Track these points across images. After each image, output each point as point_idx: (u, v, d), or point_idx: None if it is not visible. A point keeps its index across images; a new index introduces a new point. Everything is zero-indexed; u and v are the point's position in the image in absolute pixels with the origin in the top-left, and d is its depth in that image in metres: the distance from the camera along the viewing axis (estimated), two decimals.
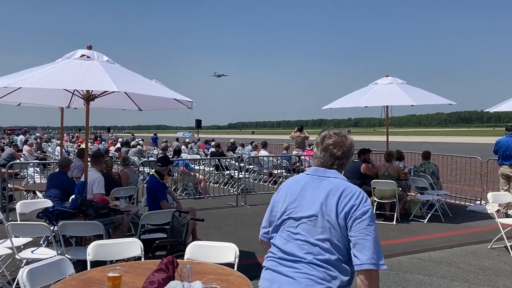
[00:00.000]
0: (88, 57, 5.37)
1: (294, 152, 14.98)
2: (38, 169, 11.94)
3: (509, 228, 6.69)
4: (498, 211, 8.53)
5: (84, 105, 5.74)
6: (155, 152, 19.93)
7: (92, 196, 6.12)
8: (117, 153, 17.26)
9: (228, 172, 13.20)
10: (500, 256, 6.44)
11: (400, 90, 9.01)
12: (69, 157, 20.47)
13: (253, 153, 15.52)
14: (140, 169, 11.05)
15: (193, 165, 12.58)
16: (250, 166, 14.38)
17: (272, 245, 2.34)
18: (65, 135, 19.62)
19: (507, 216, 8.73)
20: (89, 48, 5.54)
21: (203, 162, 14.20)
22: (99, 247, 3.93)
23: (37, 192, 8.05)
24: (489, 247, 6.80)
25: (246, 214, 9.42)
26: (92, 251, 3.86)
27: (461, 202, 10.44)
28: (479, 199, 10.19)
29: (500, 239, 6.67)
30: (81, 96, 5.68)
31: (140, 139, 29.15)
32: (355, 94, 9.67)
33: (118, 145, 20.84)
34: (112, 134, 60.47)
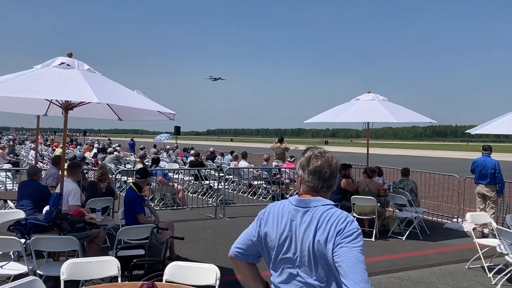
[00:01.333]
0: (68, 65, 5.20)
1: (274, 164, 14.94)
2: (9, 174, 11.53)
3: (487, 248, 6.74)
4: (474, 229, 8.63)
5: (62, 114, 5.56)
6: (132, 158, 19.62)
7: (67, 208, 5.91)
8: (93, 160, 16.90)
9: (207, 182, 13.05)
10: (477, 277, 6.48)
11: (382, 107, 9.08)
12: (44, 161, 20.05)
13: (233, 164, 15.40)
14: (117, 177, 10.81)
15: (171, 174, 12.38)
16: (230, 177, 14.26)
17: (272, 284, 2.28)
18: (39, 137, 18.96)
19: (483, 234, 8.83)
20: (70, 55, 5.37)
21: (182, 171, 14.00)
22: (74, 265, 3.77)
23: (8, 201, 7.75)
24: (466, 267, 6.84)
25: (224, 227, 9.29)
26: (66, 270, 3.70)
27: (438, 219, 10.53)
28: (456, 216, 10.30)
29: (477, 259, 6.72)
30: (59, 105, 5.50)
31: (117, 145, 28.63)
32: (337, 109, 9.70)
33: (95, 150, 20.42)
34: (89, 139, 59.35)
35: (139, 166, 12.28)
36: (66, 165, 6.63)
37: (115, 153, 17.56)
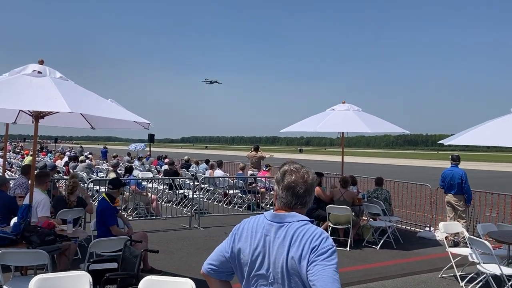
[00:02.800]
0: (39, 72, 5.05)
1: (250, 172, 14.88)
2: None
3: (459, 257, 6.86)
4: (446, 237, 8.76)
5: (32, 122, 5.39)
6: (105, 167, 19.26)
7: (36, 219, 5.72)
8: (64, 168, 16.50)
9: (181, 191, 12.89)
10: (450, 285, 6.58)
11: (357, 117, 9.19)
12: (12, 169, 19.44)
13: (208, 172, 15.29)
14: (89, 186, 10.56)
15: (145, 183, 12.18)
16: (205, 186, 14.14)
17: None
18: (7, 144, 18.41)
19: (454, 243, 8.99)
20: (41, 63, 5.21)
21: (156, 181, 13.79)
22: (43, 281, 3.63)
23: None
24: (439, 276, 6.94)
25: (199, 238, 9.18)
26: (34, 286, 3.56)
27: (411, 228, 10.67)
28: (428, 225, 10.46)
29: (450, 268, 6.83)
30: (29, 113, 5.33)
31: (88, 153, 28.08)
32: (313, 119, 9.76)
33: (66, 158, 19.96)
34: (60, 146, 58.00)
35: (112, 175, 12.04)
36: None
37: (87, 161, 17.19)
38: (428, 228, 10.34)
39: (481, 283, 6.24)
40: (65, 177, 12.64)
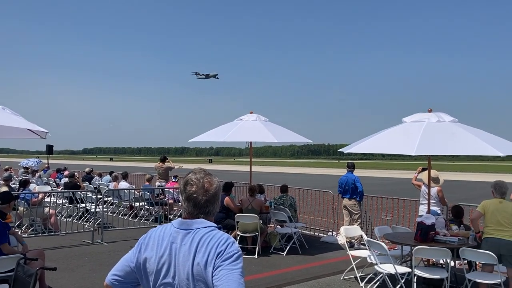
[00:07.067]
0: None
1: (157, 184, 14.54)
2: None
3: (359, 260, 7.29)
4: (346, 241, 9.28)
5: None
6: None
7: None
8: None
9: (83, 205, 12.19)
10: (351, 287, 6.95)
11: (264, 127, 9.45)
12: None
13: (112, 185, 14.64)
14: None
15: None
16: (109, 199, 13.52)
17: None
18: None
19: (351, 245, 9.52)
20: None
21: (54, 194, 12.91)
22: None
23: None
24: (341, 278, 7.30)
25: (103, 253, 8.74)
26: None
27: (315, 233, 11.14)
28: (331, 230, 10.99)
29: (351, 270, 7.23)
30: None
31: None
32: (221, 128, 9.85)
33: None
34: None
35: (4, 189, 11.02)
36: None
37: None
38: (330, 233, 10.86)
39: (378, 283, 6.67)
40: None
